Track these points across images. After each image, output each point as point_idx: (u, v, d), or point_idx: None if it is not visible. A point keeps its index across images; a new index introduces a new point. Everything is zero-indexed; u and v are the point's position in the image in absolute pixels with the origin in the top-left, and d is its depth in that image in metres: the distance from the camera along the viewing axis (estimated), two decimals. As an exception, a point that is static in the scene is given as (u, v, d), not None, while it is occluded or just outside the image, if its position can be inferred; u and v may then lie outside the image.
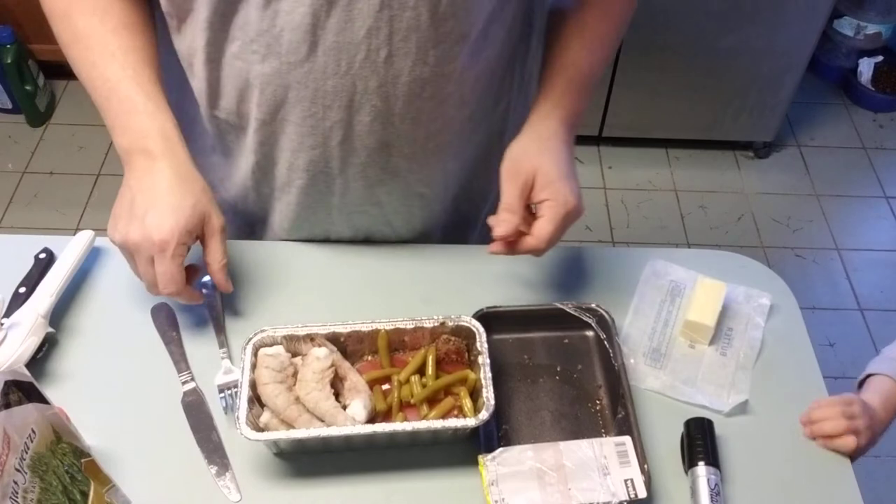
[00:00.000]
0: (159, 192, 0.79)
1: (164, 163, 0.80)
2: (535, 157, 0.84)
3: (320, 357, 0.80)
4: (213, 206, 0.82)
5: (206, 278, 0.94)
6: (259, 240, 1.05)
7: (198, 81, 0.86)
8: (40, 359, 0.86)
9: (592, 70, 0.91)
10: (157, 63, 0.85)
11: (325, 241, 1.00)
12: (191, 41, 0.83)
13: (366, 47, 0.78)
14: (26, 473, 0.64)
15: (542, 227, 0.82)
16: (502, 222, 0.83)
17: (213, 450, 0.81)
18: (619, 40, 0.95)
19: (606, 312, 0.89)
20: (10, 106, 2.53)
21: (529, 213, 0.85)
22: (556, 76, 0.89)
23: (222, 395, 0.84)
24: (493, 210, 1.00)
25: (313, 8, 0.75)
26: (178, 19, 0.83)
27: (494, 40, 0.86)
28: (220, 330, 0.90)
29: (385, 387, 0.83)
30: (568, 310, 0.90)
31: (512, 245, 0.85)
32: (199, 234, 0.82)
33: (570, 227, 0.86)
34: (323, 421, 0.78)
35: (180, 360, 0.87)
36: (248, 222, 1.04)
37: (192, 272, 0.85)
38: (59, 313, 0.90)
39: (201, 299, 0.88)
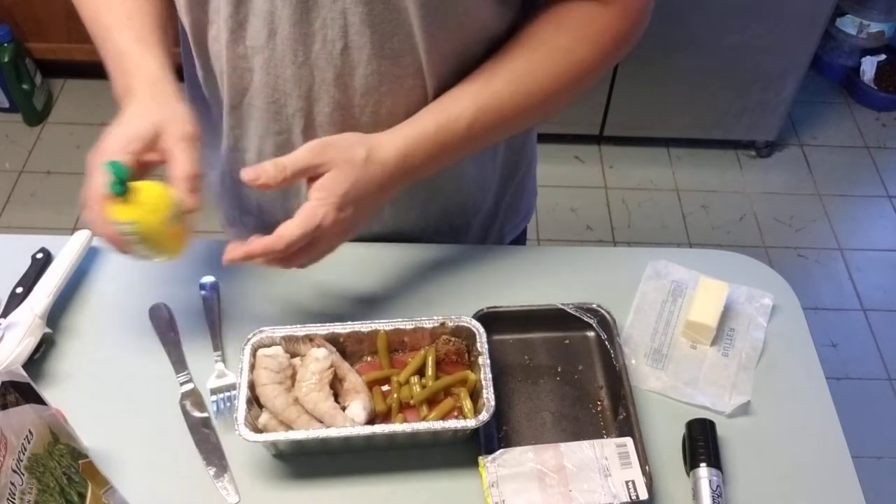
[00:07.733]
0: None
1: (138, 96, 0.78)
2: (345, 162, 0.75)
3: (319, 358, 0.79)
4: (175, 114, 0.76)
5: (206, 279, 0.93)
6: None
7: (197, 62, 0.88)
8: (37, 359, 0.86)
9: (506, 118, 0.80)
10: (160, 7, 0.85)
11: None
12: (183, 25, 0.85)
13: (321, 38, 0.78)
14: (23, 475, 0.64)
15: (286, 227, 0.74)
16: (256, 167, 0.74)
17: (212, 451, 0.81)
18: (580, 87, 0.82)
19: (607, 313, 0.89)
20: (7, 105, 2.53)
21: None
22: (448, 101, 0.80)
23: (214, 399, 0.83)
24: (489, 199, 0.95)
25: None
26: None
27: (459, 39, 0.81)
28: (216, 332, 0.89)
29: (384, 388, 0.82)
30: (569, 310, 0.89)
31: (248, 247, 0.75)
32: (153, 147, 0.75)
33: (328, 251, 0.79)
34: (322, 422, 0.77)
35: (178, 360, 0.87)
36: (230, 213, 1.05)
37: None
38: (57, 313, 0.90)
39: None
